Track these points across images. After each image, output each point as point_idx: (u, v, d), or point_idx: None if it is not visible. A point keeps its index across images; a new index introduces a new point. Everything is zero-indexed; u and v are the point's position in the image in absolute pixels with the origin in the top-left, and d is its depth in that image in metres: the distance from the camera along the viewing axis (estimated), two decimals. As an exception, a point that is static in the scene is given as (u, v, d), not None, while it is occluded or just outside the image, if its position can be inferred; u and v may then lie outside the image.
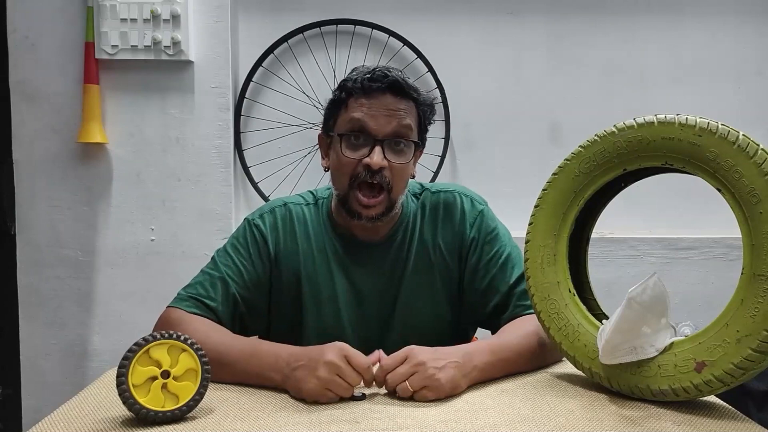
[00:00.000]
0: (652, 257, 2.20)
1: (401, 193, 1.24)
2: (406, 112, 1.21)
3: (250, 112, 2.25)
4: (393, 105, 1.19)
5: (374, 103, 1.19)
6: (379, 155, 1.18)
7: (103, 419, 0.92)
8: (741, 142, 0.91)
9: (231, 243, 1.29)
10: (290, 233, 1.28)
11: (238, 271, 1.24)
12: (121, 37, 2.08)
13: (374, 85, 1.19)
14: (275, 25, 2.22)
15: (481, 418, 0.92)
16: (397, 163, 1.19)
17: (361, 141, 1.19)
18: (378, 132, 1.18)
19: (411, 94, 1.21)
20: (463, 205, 1.30)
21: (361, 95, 1.20)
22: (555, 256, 1.10)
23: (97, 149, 2.15)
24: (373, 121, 1.18)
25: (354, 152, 1.20)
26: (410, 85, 1.22)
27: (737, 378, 0.89)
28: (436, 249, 1.29)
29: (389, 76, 1.20)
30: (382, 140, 1.18)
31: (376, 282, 1.28)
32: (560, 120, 2.27)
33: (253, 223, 1.29)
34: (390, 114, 1.19)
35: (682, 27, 2.26)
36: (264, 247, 1.27)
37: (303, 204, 1.32)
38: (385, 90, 1.19)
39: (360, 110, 1.19)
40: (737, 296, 0.91)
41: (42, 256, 2.16)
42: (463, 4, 2.24)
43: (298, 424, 0.90)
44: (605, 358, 0.99)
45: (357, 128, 1.19)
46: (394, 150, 1.20)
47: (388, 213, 1.23)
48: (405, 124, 1.20)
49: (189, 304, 1.21)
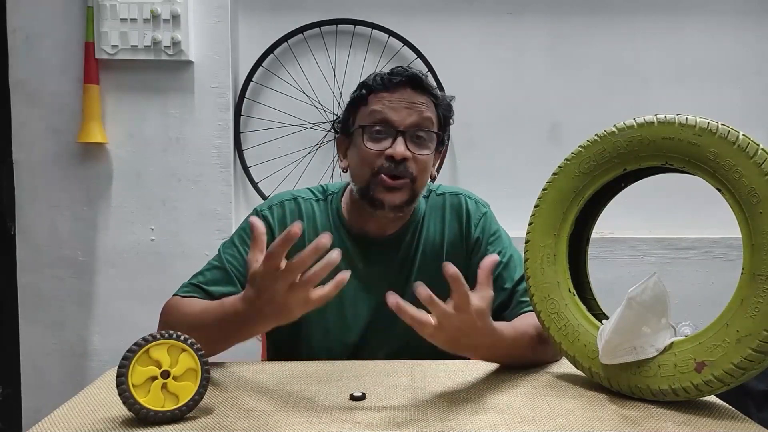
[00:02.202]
0: (652, 257, 2.20)
1: (422, 188, 1.26)
2: (427, 106, 1.23)
3: (250, 112, 2.25)
4: (413, 98, 1.22)
5: (395, 97, 1.22)
6: (401, 146, 1.19)
7: (103, 419, 0.92)
8: (741, 142, 0.91)
9: (238, 234, 1.29)
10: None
11: (242, 262, 1.24)
12: (121, 37, 2.08)
13: (395, 78, 1.22)
14: (275, 25, 2.22)
15: (481, 418, 0.92)
16: (420, 155, 1.21)
17: (383, 133, 1.21)
18: (400, 123, 1.20)
19: (430, 90, 1.24)
20: (467, 206, 1.33)
21: (382, 90, 1.23)
22: (555, 256, 1.10)
23: (97, 149, 2.15)
24: (394, 113, 1.21)
25: (376, 144, 1.22)
26: (429, 82, 1.25)
27: (737, 378, 0.89)
28: (442, 248, 1.31)
29: (409, 71, 1.23)
30: (404, 131, 1.20)
31: (384, 280, 1.28)
32: (560, 120, 2.27)
33: (261, 214, 1.29)
34: (410, 106, 1.21)
35: (682, 27, 2.26)
36: (271, 239, 1.24)
37: (312, 199, 1.33)
38: (405, 83, 1.22)
39: (381, 103, 1.22)
40: (737, 296, 0.91)
41: (42, 256, 2.16)
42: (463, 4, 2.24)
43: (298, 424, 0.90)
44: (605, 358, 0.98)
45: (379, 120, 1.21)
46: (415, 141, 1.22)
47: (410, 204, 1.25)
48: (426, 116, 1.23)
49: (188, 289, 1.22)
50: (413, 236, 1.31)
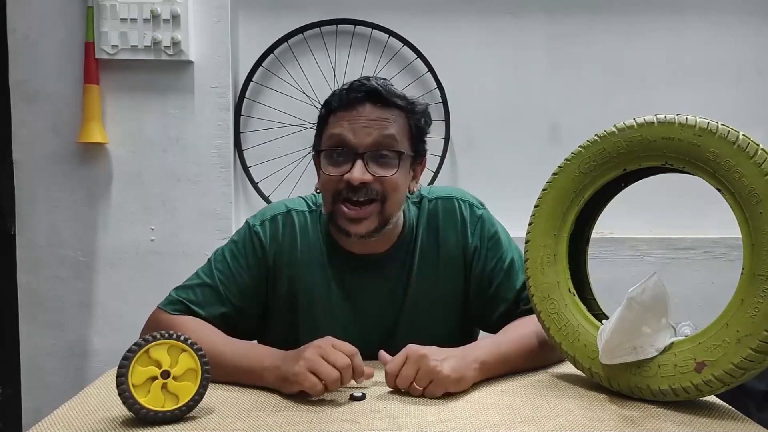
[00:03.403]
0: (652, 257, 2.20)
1: (396, 209, 1.18)
2: (390, 121, 1.15)
3: (250, 112, 2.25)
4: (373, 115, 1.14)
5: (354, 116, 1.14)
6: (359, 169, 1.12)
7: (103, 419, 0.92)
8: (741, 142, 0.92)
9: (229, 248, 1.26)
10: (290, 243, 1.25)
11: (232, 279, 1.22)
12: (121, 37, 2.08)
13: (352, 95, 1.14)
14: (275, 25, 2.22)
15: (481, 418, 0.92)
16: (384, 176, 1.13)
17: (341, 157, 1.14)
18: (358, 145, 1.13)
19: (394, 102, 1.15)
20: (462, 212, 1.27)
21: (340, 109, 1.15)
22: (555, 256, 1.10)
23: (97, 149, 2.15)
24: (352, 134, 1.13)
25: (336, 168, 1.15)
26: (393, 92, 1.16)
27: (737, 378, 0.89)
28: (438, 259, 1.26)
29: (367, 85, 1.15)
30: (363, 153, 1.13)
31: (378, 299, 1.25)
32: (560, 120, 2.27)
33: (253, 229, 1.25)
34: (369, 125, 1.13)
35: (682, 27, 2.26)
36: (262, 257, 1.24)
37: (306, 210, 1.27)
38: (364, 100, 1.14)
39: (340, 124, 1.14)
40: (737, 296, 0.91)
41: (42, 256, 2.16)
42: (464, 4, 2.24)
43: (298, 424, 0.90)
44: (605, 358, 0.98)
45: (336, 143, 1.14)
46: (378, 162, 1.14)
47: (381, 229, 1.17)
48: (387, 134, 1.14)
49: (175, 308, 1.20)
50: (407, 251, 1.25)
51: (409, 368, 1.01)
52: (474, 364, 1.05)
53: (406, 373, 1.01)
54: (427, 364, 1.00)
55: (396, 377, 1.02)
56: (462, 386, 1.02)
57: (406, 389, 1.01)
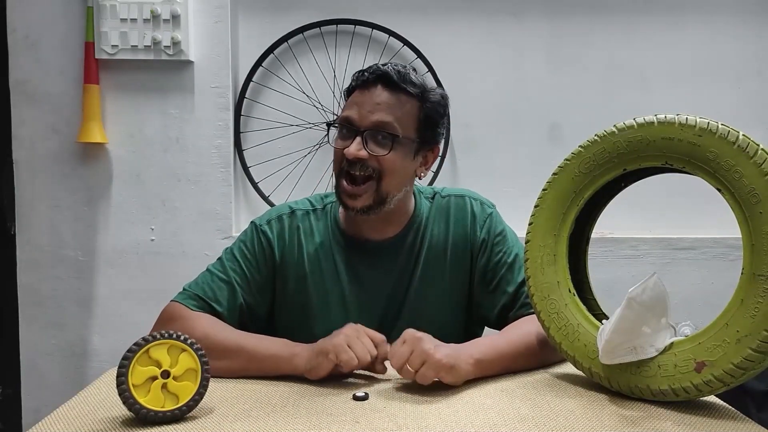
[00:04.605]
0: (652, 257, 2.20)
1: (394, 189, 1.23)
2: (397, 105, 1.21)
3: (250, 112, 2.25)
4: (382, 97, 1.20)
5: (365, 96, 1.21)
6: (356, 145, 1.19)
7: (103, 419, 0.92)
8: (741, 142, 0.92)
9: (238, 246, 1.29)
10: (296, 242, 1.29)
11: (244, 277, 1.26)
12: (121, 37, 2.08)
13: (366, 76, 1.22)
14: (275, 25, 2.22)
15: (480, 417, 0.92)
16: (378, 155, 1.19)
17: (345, 132, 1.22)
18: (360, 123, 1.20)
19: (405, 88, 1.21)
20: (473, 208, 1.32)
21: (357, 88, 1.23)
22: (555, 256, 1.10)
23: (97, 149, 2.15)
24: (357, 113, 1.20)
25: (341, 142, 1.23)
26: (407, 78, 1.22)
27: (737, 378, 0.89)
28: (446, 251, 1.30)
29: (381, 69, 1.22)
30: (363, 131, 1.19)
31: (386, 283, 1.29)
32: (560, 120, 2.27)
33: (260, 228, 1.29)
34: (375, 106, 1.20)
35: (682, 27, 2.26)
36: (270, 255, 1.28)
37: (310, 209, 1.33)
38: (376, 82, 1.21)
39: (353, 101, 1.23)
40: (737, 296, 0.91)
41: (42, 256, 2.16)
42: (464, 4, 2.24)
43: (298, 424, 0.90)
44: (605, 358, 0.98)
45: (343, 119, 1.22)
46: (376, 141, 1.20)
47: (378, 207, 1.22)
48: (389, 115, 1.20)
49: (195, 303, 1.21)
50: (416, 238, 1.30)
51: (404, 348, 1.04)
52: (469, 359, 1.06)
53: (401, 352, 1.03)
54: (422, 346, 1.02)
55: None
56: (454, 376, 1.03)
57: (399, 369, 1.03)
